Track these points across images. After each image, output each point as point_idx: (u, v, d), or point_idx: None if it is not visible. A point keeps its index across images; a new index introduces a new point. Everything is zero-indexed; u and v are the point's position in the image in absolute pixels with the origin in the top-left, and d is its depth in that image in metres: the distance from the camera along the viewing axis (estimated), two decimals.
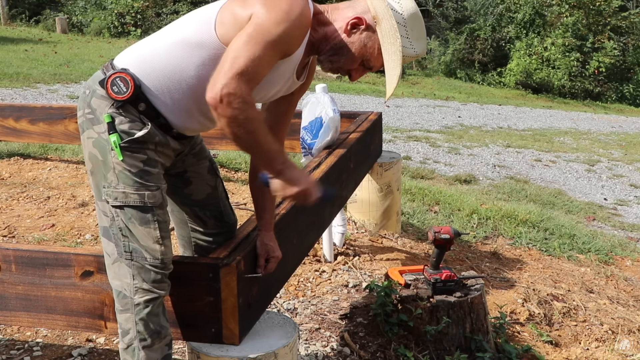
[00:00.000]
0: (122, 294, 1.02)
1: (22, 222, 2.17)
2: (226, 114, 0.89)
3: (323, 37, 1.00)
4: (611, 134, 6.10)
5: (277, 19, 0.92)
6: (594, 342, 1.90)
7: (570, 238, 2.70)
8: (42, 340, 1.48)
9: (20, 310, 1.19)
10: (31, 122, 2.60)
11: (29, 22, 11.21)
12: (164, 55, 0.98)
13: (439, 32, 10.65)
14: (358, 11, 1.00)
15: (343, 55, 1.00)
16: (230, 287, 1.04)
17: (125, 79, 0.97)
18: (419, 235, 2.45)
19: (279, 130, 1.12)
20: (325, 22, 1.01)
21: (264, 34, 0.91)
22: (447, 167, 4.12)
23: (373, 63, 1.01)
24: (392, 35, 0.97)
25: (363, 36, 0.99)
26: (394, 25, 0.97)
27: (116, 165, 0.99)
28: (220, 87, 0.88)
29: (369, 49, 0.99)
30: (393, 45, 0.97)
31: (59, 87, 5.27)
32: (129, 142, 0.98)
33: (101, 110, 1.00)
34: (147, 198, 0.99)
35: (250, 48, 0.90)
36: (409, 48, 0.99)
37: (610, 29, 9.71)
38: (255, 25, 0.91)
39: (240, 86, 0.88)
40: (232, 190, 2.57)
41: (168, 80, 0.99)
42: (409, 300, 1.59)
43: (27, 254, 1.17)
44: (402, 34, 0.98)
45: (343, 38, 0.99)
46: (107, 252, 1.03)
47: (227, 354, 1.05)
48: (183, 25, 1.00)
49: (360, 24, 0.99)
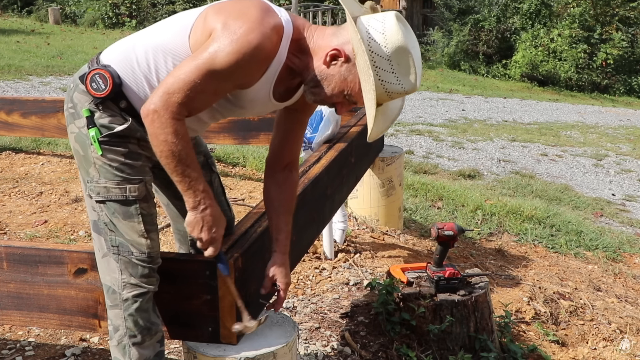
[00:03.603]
0: (111, 289, 1.01)
1: (13, 218, 2.15)
2: (149, 129, 0.91)
3: (305, 66, 0.95)
4: (619, 128, 6.04)
5: (229, 51, 0.88)
6: (601, 341, 1.87)
7: (577, 235, 2.67)
8: (34, 340, 1.46)
9: (12, 308, 1.17)
10: (23, 116, 2.57)
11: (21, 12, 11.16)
12: (143, 57, 0.98)
13: (443, 23, 10.54)
14: (340, 41, 0.93)
15: (324, 88, 0.94)
16: (227, 285, 1.02)
17: (104, 76, 0.96)
18: (422, 232, 2.43)
19: (286, 146, 1.09)
20: (306, 50, 0.95)
21: (211, 63, 0.89)
22: (451, 161, 4.08)
23: (355, 98, 0.94)
24: (365, 72, 0.90)
25: (343, 69, 0.92)
26: (366, 61, 0.88)
27: (96, 160, 0.98)
28: (149, 103, 0.90)
29: (350, 82, 0.93)
30: (367, 82, 0.90)
31: (51, 80, 5.21)
32: (108, 137, 0.98)
33: (81, 105, 0.99)
34: (129, 192, 0.98)
35: (191, 74, 0.89)
36: (394, 84, 0.91)
37: (619, 20, 9.57)
38: (206, 52, 0.89)
39: (167, 108, 0.89)
40: (229, 186, 2.55)
41: (146, 82, 0.98)
42: (411, 299, 1.56)
43: (19, 251, 1.15)
44: (386, 69, 0.90)
45: (323, 69, 0.93)
46: (97, 246, 1.03)
47: (224, 353, 1.03)
48: (164, 29, 1.00)
49: (339, 55, 0.93)
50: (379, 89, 0.91)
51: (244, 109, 1.01)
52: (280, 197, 1.08)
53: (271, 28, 0.90)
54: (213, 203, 0.95)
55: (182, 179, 0.92)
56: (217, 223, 0.96)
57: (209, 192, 0.95)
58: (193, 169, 0.92)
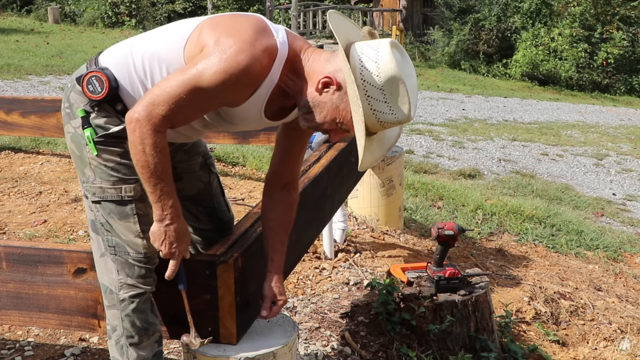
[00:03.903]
0: (108, 290, 1.01)
1: (13, 218, 2.15)
2: (129, 137, 0.91)
3: (299, 90, 0.94)
4: (620, 127, 6.03)
5: (217, 70, 0.87)
6: (602, 341, 1.87)
7: (578, 234, 2.67)
8: (33, 340, 1.46)
9: (11, 308, 1.17)
10: (22, 115, 2.57)
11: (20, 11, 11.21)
12: (139, 62, 0.97)
13: (443, 22, 10.52)
14: (333, 68, 0.91)
15: (315, 115, 0.92)
16: (227, 284, 1.02)
17: (101, 79, 0.96)
18: (422, 232, 2.43)
19: (286, 165, 1.08)
20: (300, 73, 0.93)
21: (198, 80, 0.88)
22: (451, 161, 4.08)
23: (348, 126, 0.92)
24: (354, 102, 0.88)
25: (335, 97, 0.91)
26: (355, 92, 0.86)
27: (91, 160, 0.98)
28: (133, 111, 0.90)
29: (342, 111, 0.91)
30: (356, 112, 0.88)
31: (51, 79, 5.22)
32: (104, 137, 0.97)
33: (77, 105, 0.99)
34: (125, 192, 0.98)
35: (177, 88, 0.88)
36: (387, 113, 0.89)
37: (619, 19, 9.55)
38: (194, 68, 0.88)
39: (150, 119, 0.88)
40: (229, 186, 2.54)
41: (142, 87, 0.98)
42: (411, 299, 1.56)
43: (18, 250, 1.15)
44: (378, 98, 0.88)
45: (315, 96, 0.92)
46: (95, 246, 1.03)
47: (224, 353, 1.03)
48: (162, 36, 0.99)
49: (331, 83, 0.91)
50: (370, 118, 0.89)
51: (235, 125, 1.00)
52: (277, 218, 1.07)
53: (263, 50, 0.88)
54: (180, 220, 0.95)
55: (153, 191, 0.92)
56: (179, 239, 0.95)
57: (177, 209, 0.94)
58: (166, 183, 0.92)
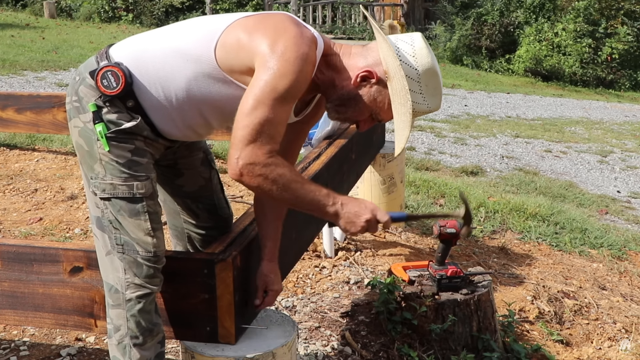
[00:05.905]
0: (114, 288, 0.99)
1: (8, 216, 2.13)
2: (252, 184, 0.90)
3: (330, 83, 0.96)
4: (625, 124, 5.98)
5: (283, 72, 0.88)
6: (606, 341, 1.85)
7: (582, 232, 2.64)
8: (29, 339, 1.45)
9: (6, 307, 1.16)
10: (18, 111, 2.55)
11: (15, 6, 11.08)
12: (160, 59, 0.96)
13: (445, 17, 10.43)
14: (369, 62, 0.94)
15: (351, 107, 0.96)
16: (226, 283, 1.01)
17: (117, 74, 0.95)
18: (424, 230, 2.40)
19: (287, 157, 1.08)
20: (334, 67, 0.96)
21: (271, 92, 0.88)
22: (453, 158, 4.05)
23: (382, 117, 0.97)
24: (402, 96, 0.92)
25: (373, 90, 0.95)
26: (405, 86, 0.91)
27: (102, 156, 0.97)
28: (235, 160, 0.89)
29: (379, 103, 0.95)
30: (403, 106, 0.92)
31: (46, 75, 5.17)
32: (115, 132, 0.96)
33: (87, 99, 0.98)
34: (136, 189, 0.97)
35: (259, 113, 0.88)
36: (421, 104, 0.94)
37: (624, 14, 9.46)
38: (261, 84, 0.89)
39: (255, 153, 0.88)
40: (228, 183, 2.52)
41: (159, 85, 0.97)
42: (413, 298, 1.55)
43: (13, 249, 1.14)
44: (415, 90, 0.93)
45: (351, 90, 0.95)
46: (100, 244, 1.01)
47: (222, 353, 1.02)
48: (186, 33, 0.98)
49: (371, 77, 0.94)
50: None
51: None
52: (271, 203, 1.05)
53: (310, 40, 0.92)
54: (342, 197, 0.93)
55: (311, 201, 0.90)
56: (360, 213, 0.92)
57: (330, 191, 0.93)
58: (304, 184, 0.91)
